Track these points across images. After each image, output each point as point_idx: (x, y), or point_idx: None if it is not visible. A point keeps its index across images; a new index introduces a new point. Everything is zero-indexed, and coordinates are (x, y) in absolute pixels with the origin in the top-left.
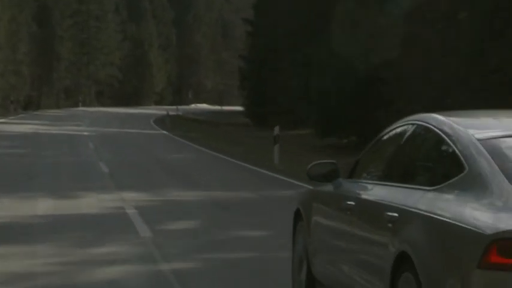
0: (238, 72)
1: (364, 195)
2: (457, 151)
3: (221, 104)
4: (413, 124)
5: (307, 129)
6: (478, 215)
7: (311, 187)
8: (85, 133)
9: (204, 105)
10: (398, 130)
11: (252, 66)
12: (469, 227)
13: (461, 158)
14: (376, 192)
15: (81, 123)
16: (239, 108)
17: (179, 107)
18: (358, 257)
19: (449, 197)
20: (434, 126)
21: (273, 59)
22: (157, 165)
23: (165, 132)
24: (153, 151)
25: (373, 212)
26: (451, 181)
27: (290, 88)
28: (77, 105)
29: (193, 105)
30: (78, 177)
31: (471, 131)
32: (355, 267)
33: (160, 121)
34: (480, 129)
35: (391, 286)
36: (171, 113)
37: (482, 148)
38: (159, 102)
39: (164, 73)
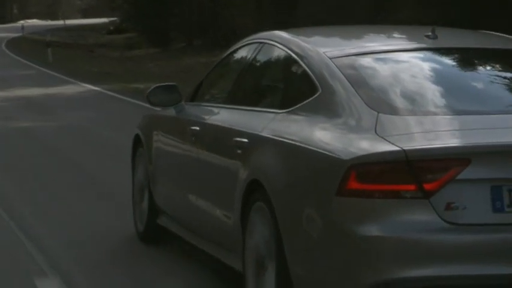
0: None
1: (210, 120)
2: (308, 71)
3: (62, 18)
4: (259, 43)
5: None
6: (334, 139)
7: None
8: None
9: (35, 21)
10: (244, 49)
11: None
12: (325, 152)
13: (313, 78)
14: (222, 116)
15: None
16: (83, 21)
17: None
18: (205, 185)
19: (302, 120)
20: (282, 45)
21: None
22: None
23: (50, 72)
24: None
25: (220, 138)
26: (303, 103)
27: None
28: None
29: (21, 22)
30: None
31: (322, 49)
32: (203, 197)
33: (16, 47)
34: (332, 47)
35: (242, 216)
36: (13, 35)
37: (335, 67)
38: None
39: None
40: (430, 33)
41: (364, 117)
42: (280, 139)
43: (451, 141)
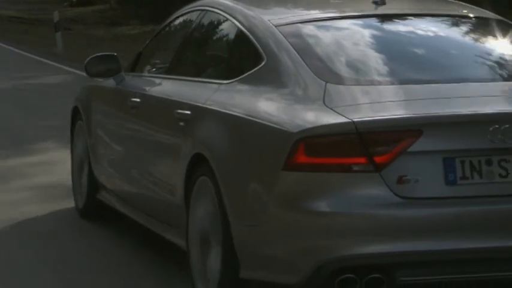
0: None
1: (151, 91)
2: (252, 39)
3: None
4: (202, 10)
5: None
6: (281, 110)
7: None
8: None
9: None
10: (186, 17)
11: None
12: (271, 125)
13: (258, 47)
14: (164, 87)
15: None
16: None
17: None
18: (147, 159)
19: (247, 90)
20: (226, 12)
21: None
22: None
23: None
24: None
25: (162, 110)
26: (248, 73)
27: None
28: None
29: None
30: None
31: (267, 17)
32: (145, 171)
33: None
34: (277, 15)
35: (186, 192)
36: None
37: (280, 35)
38: None
39: None
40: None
41: (311, 88)
42: (224, 111)
43: (402, 112)
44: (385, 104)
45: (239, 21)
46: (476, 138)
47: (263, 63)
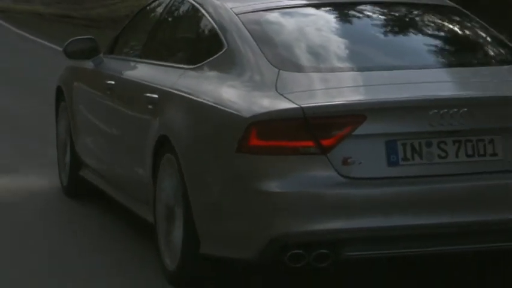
0: None
1: (124, 74)
2: (215, 27)
3: None
4: None
5: None
6: (237, 96)
7: None
8: None
9: None
10: (157, 3)
11: None
12: (227, 109)
13: (220, 35)
14: (136, 70)
15: None
16: None
17: None
18: (120, 139)
19: (208, 76)
20: (194, 0)
21: None
22: None
23: None
24: None
25: (133, 93)
26: (210, 59)
27: None
28: None
29: None
30: None
31: (230, 5)
32: (119, 150)
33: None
34: (240, 2)
35: (153, 169)
36: None
37: (240, 23)
38: None
39: None
40: None
41: (265, 75)
42: (187, 95)
43: (347, 98)
44: (333, 90)
45: (205, 9)
46: (417, 122)
47: (224, 50)
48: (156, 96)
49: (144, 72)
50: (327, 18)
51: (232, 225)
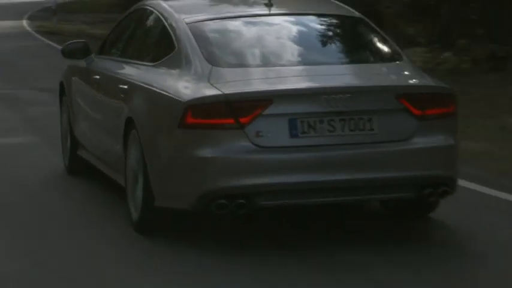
0: None
1: (107, 70)
2: (170, 33)
3: None
4: (144, 8)
5: None
6: (179, 85)
7: None
8: None
9: None
10: (135, 13)
11: None
12: (172, 96)
13: (173, 39)
14: (115, 67)
15: None
16: None
17: None
18: (103, 122)
19: (162, 71)
20: (158, 11)
21: None
22: None
23: None
24: None
25: (111, 85)
26: (165, 58)
27: None
28: None
29: None
30: None
31: (183, 16)
32: (102, 130)
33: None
34: (190, 14)
35: (124, 143)
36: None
37: (188, 30)
38: None
39: None
40: (267, 2)
41: (202, 70)
42: (145, 86)
43: (259, 87)
44: (250, 81)
45: (164, 19)
46: (312, 105)
47: (174, 51)
48: (126, 87)
49: (119, 68)
50: (252, 26)
51: (176, 183)
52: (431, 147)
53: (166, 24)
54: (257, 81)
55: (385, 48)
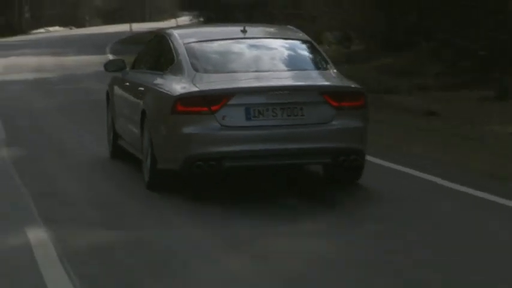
0: None
1: (133, 79)
2: (173, 51)
3: (129, 22)
4: (162, 35)
5: None
6: (174, 86)
7: None
8: None
9: (58, 28)
10: (155, 38)
11: None
12: (167, 92)
13: (174, 55)
14: (138, 76)
15: None
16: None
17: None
18: (130, 116)
19: (166, 77)
20: (169, 36)
21: None
22: None
23: None
24: None
25: (134, 89)
26: (168, 68)
27: None
28: None
29: (42, 30)
30: None
31: (184, 39)
32: (129, 122)
33: None
34: (189, 38)
35: (141, 128)
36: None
37: (184, 49)
38: None
39: None
40: (242, 29)
41: (189, 75)
42: (154, 87)
43: (226, 86)
44: (221, 82)
45: (171, 41)
46: (261, 98)
47: (174, 63)
48: (142, 89)
49: (141, 77)
50: (228, 46)
51: (170, 151)
52: (344, 127)
53: (172, 45)
54: (224, 82)
55: (319, 61)
